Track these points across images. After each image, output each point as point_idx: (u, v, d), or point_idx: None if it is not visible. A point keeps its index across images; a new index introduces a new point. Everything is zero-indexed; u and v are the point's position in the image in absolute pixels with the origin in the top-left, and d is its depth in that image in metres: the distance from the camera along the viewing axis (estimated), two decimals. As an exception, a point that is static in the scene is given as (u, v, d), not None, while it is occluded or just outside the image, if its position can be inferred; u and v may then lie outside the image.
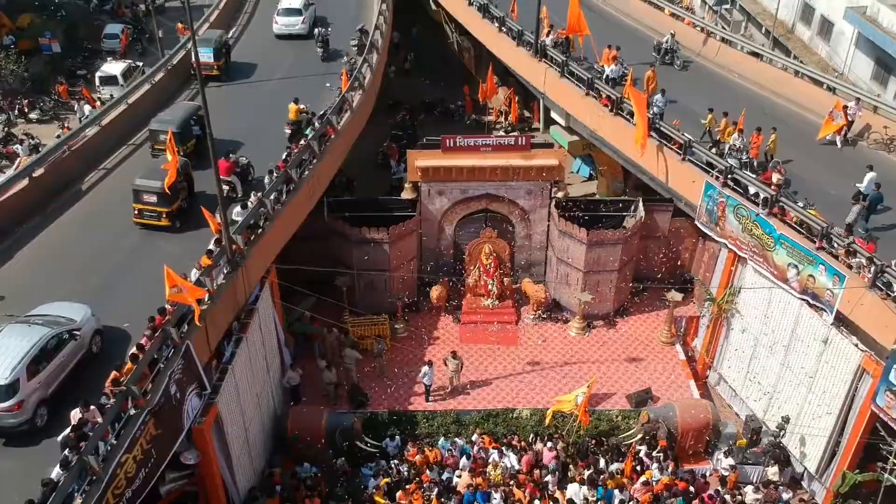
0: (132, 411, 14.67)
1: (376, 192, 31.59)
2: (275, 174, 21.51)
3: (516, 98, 37.00)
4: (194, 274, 17.50)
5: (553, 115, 32.38)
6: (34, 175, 22.41)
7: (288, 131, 24.88)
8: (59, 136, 32.79)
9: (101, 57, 41.57)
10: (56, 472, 13.16)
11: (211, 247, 18.60)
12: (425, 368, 22.95)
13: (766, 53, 30.26)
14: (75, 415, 14.33)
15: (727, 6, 44.70)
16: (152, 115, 25.61)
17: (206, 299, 17.19)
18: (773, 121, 25.87)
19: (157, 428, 15.32)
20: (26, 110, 37.19)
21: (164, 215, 20.77)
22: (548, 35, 30.14)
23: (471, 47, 40.31)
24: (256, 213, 19.97)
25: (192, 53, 17.55)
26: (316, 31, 33.22)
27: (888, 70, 31.90)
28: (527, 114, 38.43)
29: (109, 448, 13.93)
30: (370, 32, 31.28)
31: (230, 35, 35.18)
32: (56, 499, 12.59)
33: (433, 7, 41.86)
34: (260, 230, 20.00)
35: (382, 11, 33.44)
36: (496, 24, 32.56)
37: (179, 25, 37.70)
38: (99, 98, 35.07)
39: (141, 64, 38.23)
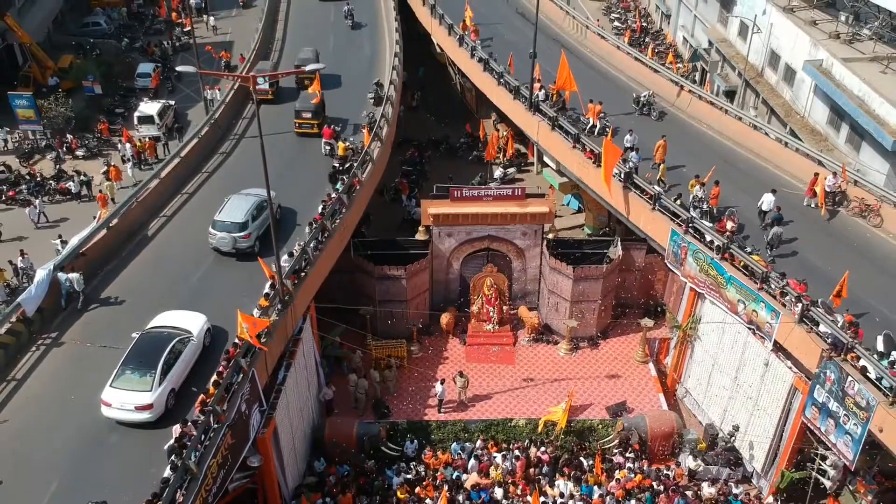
0: (215, 426, 18.85)
1: (390, 224, 35.30)
2: (314, 225, 25.66)
3: (513, 137, 40.85)
4: (256, 312, 21.68)
5: (545, 158, 36.28)
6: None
7: (336, 165, 29.88)
8: (104, 172, 37.03)
9: (136, 95, 44.44)
10: (167, 473, 17.36)
11: (266, 290, 22.70)
12: (439, 385, 26.94)
13: (731, 109, 33.89)
14: (176, 429, 18.39)
15: (705, 47, 48.72)
16: (199, 167, 30.39)
17: (266, 332, 21.31)
18: (735, 170, 29.95)
19: (233, 438, 19.42)
20: (73, 148, 40.59)
21: (315, 126, 32.88)
22: (540, 89, 33.77)
23: (472, 88, 43.41)
24: (300, 260, 24.13)
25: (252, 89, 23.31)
26: (345, 8, 46.57)
27: (840, 117, 35.88)
28: (522, 149, 42.06)
29: (201, 454, 18.09)
30: (385, 86, 35.39)
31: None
32: (169, 492, 16.76)
33: (438, 50, 45.48)
34: (303, 274, 24.08)
35: (395, 66, 37.31)
36: (496, 77, 36.20)
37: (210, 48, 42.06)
38: (138, 138, 39.07)
39: (173, 103, 42.25)
